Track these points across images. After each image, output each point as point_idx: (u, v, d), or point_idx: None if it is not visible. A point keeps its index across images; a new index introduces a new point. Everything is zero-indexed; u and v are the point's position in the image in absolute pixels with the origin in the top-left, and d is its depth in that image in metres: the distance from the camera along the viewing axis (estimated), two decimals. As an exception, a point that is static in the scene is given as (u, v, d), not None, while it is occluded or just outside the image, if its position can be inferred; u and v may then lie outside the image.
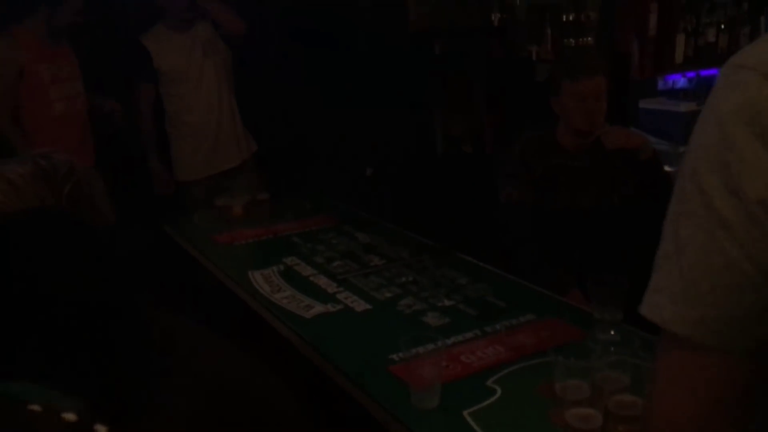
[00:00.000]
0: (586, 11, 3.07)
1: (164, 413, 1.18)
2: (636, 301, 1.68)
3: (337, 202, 3.31)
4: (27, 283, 1.22)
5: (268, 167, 3.58)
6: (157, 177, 3.52)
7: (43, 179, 1.35)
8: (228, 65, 3.51)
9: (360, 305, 2.09)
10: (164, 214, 3.28)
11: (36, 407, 0.92)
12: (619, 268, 2.22)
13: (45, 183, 1.35)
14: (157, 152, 3.49)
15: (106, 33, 3.42)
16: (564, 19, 3.09)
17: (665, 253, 0.64)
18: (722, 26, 4.46)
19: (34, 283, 1.22)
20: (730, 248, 0.59)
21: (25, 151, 1.45)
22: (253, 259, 2.55)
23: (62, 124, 3.09)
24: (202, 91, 3.43)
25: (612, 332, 1.76)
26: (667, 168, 2.95)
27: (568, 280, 2.27)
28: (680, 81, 4.63)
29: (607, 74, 2.39)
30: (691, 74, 4.59)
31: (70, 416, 0.92)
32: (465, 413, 1.47)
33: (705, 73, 4.63)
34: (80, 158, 3.00)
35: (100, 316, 1.26)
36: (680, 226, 0.63)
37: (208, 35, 3.43)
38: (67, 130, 3.09)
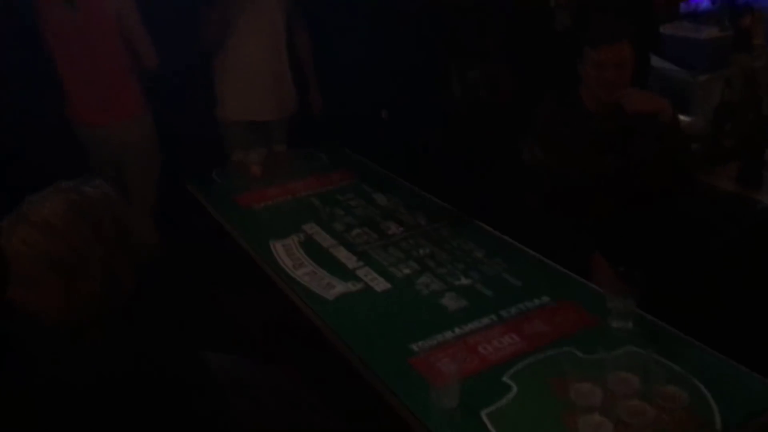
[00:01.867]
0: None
1: None
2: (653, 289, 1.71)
3: (353, 152, 3.33)
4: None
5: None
6: None
7: (80, 216, 1.38)
8: (284, 19, 3.42)
9: (380, 284, 2.15)
10: (206, 153, 3.31)
11: None
12: (639, 235, 2.28)
13: (83, 220, 1.37)
14: None
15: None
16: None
17: None
18: (750, -58, 4.27)
19: None
20: None
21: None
22: (274, 225, 2.60)
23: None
24: (260, 33, 3.35)
25: (626, 321, 1.82)
26: (683, 118, 2.93)
27: (591, 243, 2.31)
28: (704, 2, 4.48)
29: (633, 39, 2.34)
30: (715, -5, 4.43)
31: None
32: (483, 414, 1.56)
33: (729, -7, 4.47)
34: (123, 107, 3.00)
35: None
36: None
37: None
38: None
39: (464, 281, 2.13)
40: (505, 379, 1.68)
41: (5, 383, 1.24)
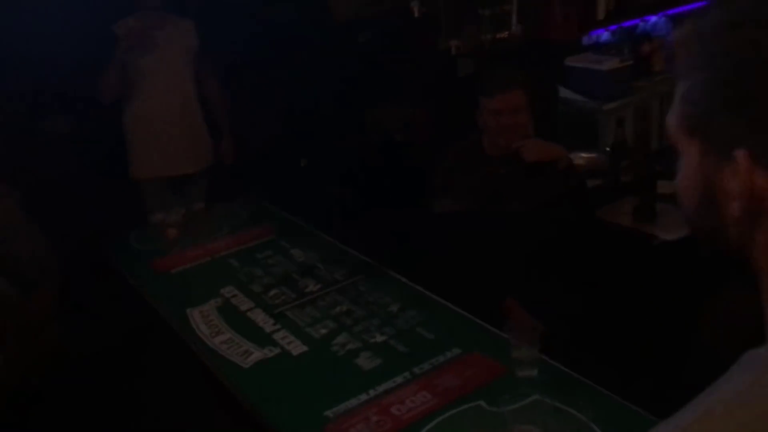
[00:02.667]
0: (502, 4, 3.07)
1: None
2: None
3: (272, 205, 3.34)
4: None
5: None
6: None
7: None
8: (194, 71, 3.45)
9: (296, 347, 2.17)
10: (118, 215, 3.30)
11: None
12: (542, 277, 2.37)
13: None
14: None
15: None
16: (480, 14, 3.09)
17: None
18: (641, -23, 4.52)
19: None
20: None
21: None
22: (191, 291, 2.59)
23: None
24: (167, 89, 3.37)
25: (531, 370, 1.89)
26: (586, 155, 3.07)
27: (502, 289, 2.40)
28: (604, 35, 4.70)
29: (527, 87, 2.45)
30: (613, 27, 4.66)
31: None
32: (395, 480, 1.59)
33: (627, 24, 4.71)
34: None
35: None
36: None
37: (182, 36, 3.37)
38: None
39: (379, 338, 2.16)
40: (417, 440, 1.72)
41: None
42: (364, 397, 1.89)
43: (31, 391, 1.39)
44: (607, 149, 3.19)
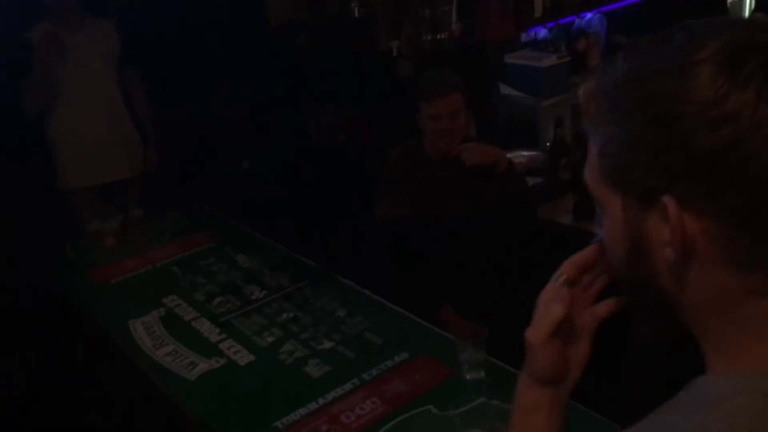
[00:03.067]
0: (440, 6, 3.09)
1: None
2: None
3: (214, 210, 3.29)
4: None
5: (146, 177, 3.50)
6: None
7: None
8: (118, 72, 3.36)
9: (243, 357, 2.14)
10: (51, 225, 3.20)
11: None
12: (486, 279, 2.40)
13: None
14: None
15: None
16: (420, 15, 3.10)
17: None
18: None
19: None
20: None
21: None
22: (132, 301, 2.53)
23: None
24: (90, 94, 3.28)
25: (478, 372, 1.91)
26: (526, 153, 3.11)
27: (439, 296, 2.42)
28: (542, 32, 4.78)
29: (464, 89, 2.47)
30: (550, 24, 4.74)
31: None
32: (346, 490, 1.59)
33: (563, 21, 4.81)
34: None
35: None
36: None
37: (102, 37, 3.28)
38: None
39: (327, 344, 2.15)
40: (366, 448, 1.72)
41: None
42: (313, 406, 1.88)
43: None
44: (548, 144, 3.26)
